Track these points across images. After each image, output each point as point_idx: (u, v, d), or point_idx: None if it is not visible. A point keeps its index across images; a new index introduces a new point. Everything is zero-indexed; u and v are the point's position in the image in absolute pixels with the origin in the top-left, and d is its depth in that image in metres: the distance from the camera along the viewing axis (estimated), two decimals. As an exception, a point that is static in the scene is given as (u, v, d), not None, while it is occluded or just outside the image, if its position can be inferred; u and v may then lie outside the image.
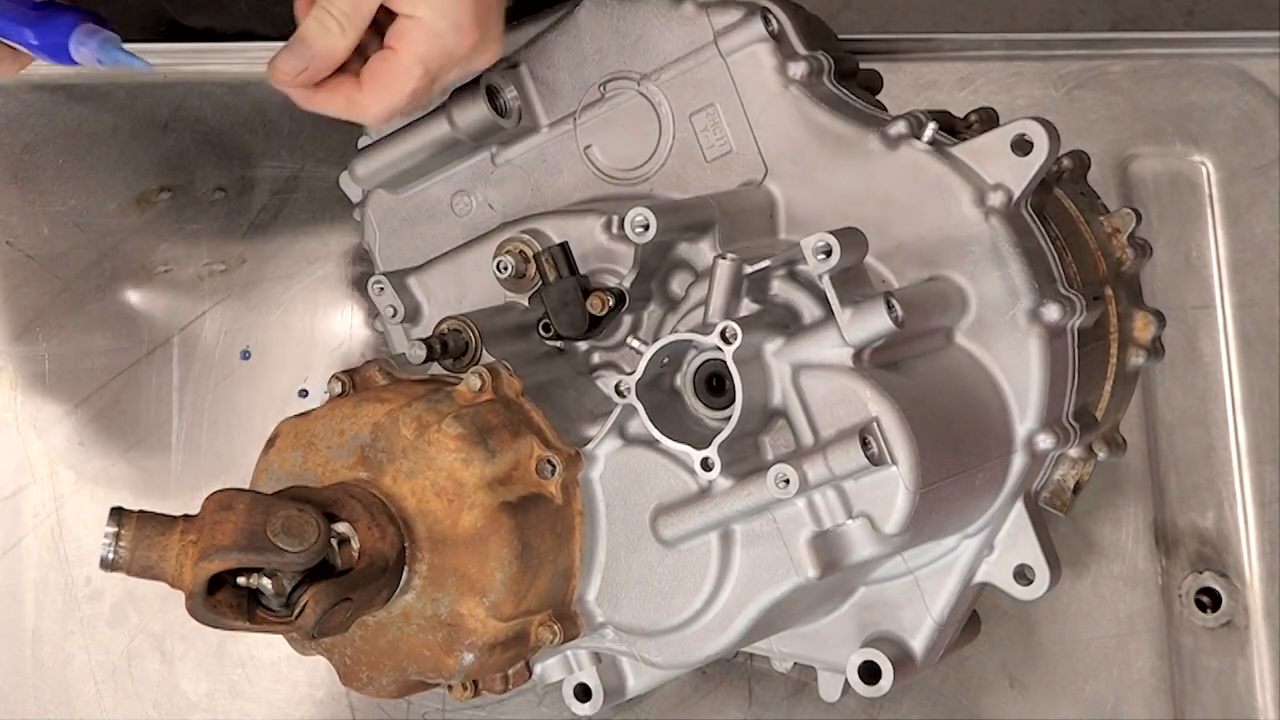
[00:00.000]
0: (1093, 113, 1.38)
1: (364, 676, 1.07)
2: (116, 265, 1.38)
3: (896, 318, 1.02)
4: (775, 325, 1.06)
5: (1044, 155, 1.09)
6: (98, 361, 1.37)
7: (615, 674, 1.16)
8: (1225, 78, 1.38)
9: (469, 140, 1.18)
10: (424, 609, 1.03)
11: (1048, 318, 1.08)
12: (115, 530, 0.97)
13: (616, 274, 1.14)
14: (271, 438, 1.08)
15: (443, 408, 1.05)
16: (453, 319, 1.13)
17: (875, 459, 1.01)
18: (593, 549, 1.08)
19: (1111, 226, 1.20)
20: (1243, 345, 1.35)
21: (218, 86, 1.40)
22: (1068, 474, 1.17)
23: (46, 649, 1.34)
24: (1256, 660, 1.31)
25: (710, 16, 1.16)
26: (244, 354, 1.37)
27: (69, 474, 1.35)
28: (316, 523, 0.97)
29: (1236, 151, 1.38)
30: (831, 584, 1.07)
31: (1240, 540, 1.33)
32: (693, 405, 1.08)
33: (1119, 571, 1.32)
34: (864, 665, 1.10)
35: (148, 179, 1.39)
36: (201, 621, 0.97)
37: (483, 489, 1.03)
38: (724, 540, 1.05)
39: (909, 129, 1.11)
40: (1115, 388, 1.19)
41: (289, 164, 1.39)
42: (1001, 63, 1.40)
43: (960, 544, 1.11)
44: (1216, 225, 1.37)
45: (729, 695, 1.30)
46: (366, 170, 1.22)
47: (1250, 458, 1.34)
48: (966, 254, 1.09)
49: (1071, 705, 1.30)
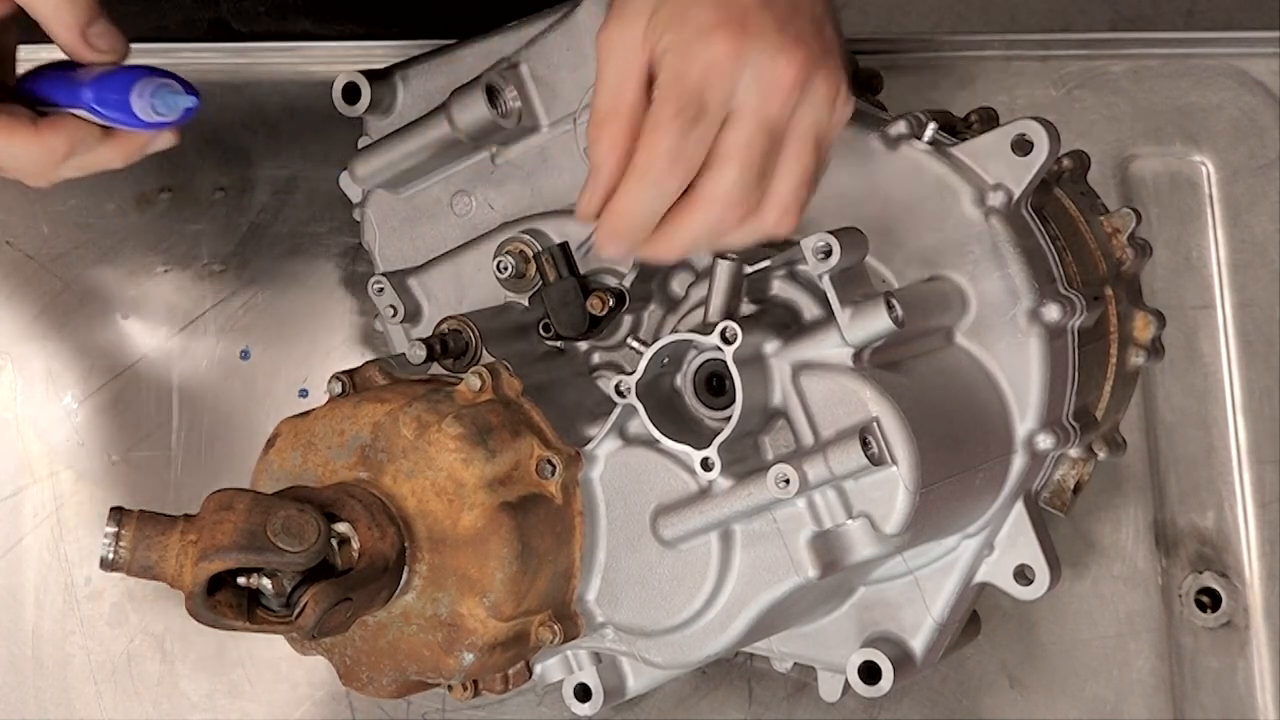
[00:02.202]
0: (1093, 113, 1.38)
1: (364, 676, 1.07)
2: (116, 265, 1.38)
3: (896, 318, 1.02)
4: (775, 325, 1.06)
5: (1044, 155, 1.09)
6: (98, 361, 1.37)
7: (615, 674, 1.16)
8: (1225, 78, 1.38)
9: (469, 140, 1.18)
10: (424, 609, 1.03)
11: (1048, 318, 1.08)
12: (115, 530, 0.97)
13: (616, 274, 1.14)
14: (271, 438, 1.08)
15: (443, 408, 1.05)
16: (453, 319, 1.13)
17: (875, 459, 1.01)
18: (593, 549, 1.08)
19: (1111, 226, 1.20)
20: (1243, 345, 1.35)
21: (218, 86, 1.40)
22: (1068, 474, 1.17)
23: (46, 649, 1.33)
24: (1256, 660, 1.31)
25: (710, 16, 1.16)
26: (244, 354, 1.37)
27: (69, 474, 1.35)
28: (316, 523, 0.97)
29: (1236, 151, 1.38)
30: (831, 584, 1.07)
31: (1240, 540, 1.33)
32: (693, 405, 1.08)
33: (1119, 571, 1.32)
34: (864, 665, 1.10)
35: (148, 179, 1.39)
36: (201, 621, 0.97)
37: (483, 489, 1.03)
38: (724, 540, 1.05)
39: (909, 129, 1.11)
40: (1115, 388, 1.19)
41: (289, 164, 1.39)
42: (1001, 63, 1.39)
43: (960, 544, 1.11)
44: (1216, 225, 1.37)
45: (729, 695, 1.30)
46: (366, 170, 1.22)
47: (1250, 458, 1.33)
48: (966, 254, 1.09)
49: (1071, 705, 1.30)
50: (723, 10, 0.93)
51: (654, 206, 0.96)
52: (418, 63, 1.24)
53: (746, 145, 0.94)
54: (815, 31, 0.95)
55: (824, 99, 0.95)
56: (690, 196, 0.95)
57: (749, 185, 0.94)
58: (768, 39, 0.93)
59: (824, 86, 0.94)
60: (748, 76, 0.93)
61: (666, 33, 0.94)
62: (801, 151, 0.95)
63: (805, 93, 0.94)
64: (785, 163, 0.95)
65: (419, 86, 1.23)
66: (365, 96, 1.22)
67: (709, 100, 0.93)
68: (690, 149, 0.94)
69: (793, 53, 0.93)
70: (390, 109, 1.24)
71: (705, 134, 0.94)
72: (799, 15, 0.94)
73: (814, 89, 0.94)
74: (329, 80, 1.23)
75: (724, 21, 0.93)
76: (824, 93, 0.95)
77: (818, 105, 0.94)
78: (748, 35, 0.93)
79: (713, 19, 0.93)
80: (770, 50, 0.93)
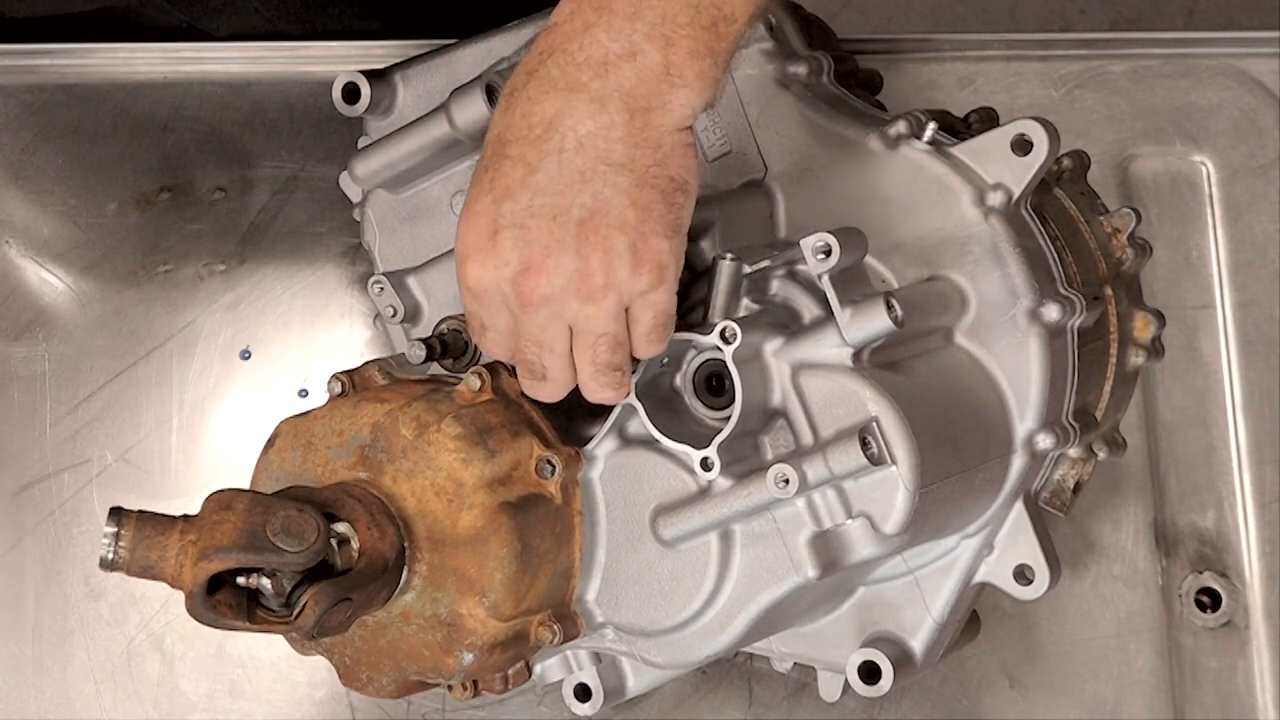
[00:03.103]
0: (1093, 113, 1.38)
1: (364, 676, 1.07)
2: (116, 265, 1.38)
3: (896, 318, 1.02)
4: (775, 325, 1.06)
5: (1044, 155, 1.09)
6: (98, 361, 1.37)
7: (615, 674, 1.16)
8: (1225, 78, 1.38)
9: (468, 140, 1.18)
10: (424, 609, 1.03)
11: (1047, 317, 1.08)
12: (115, 530, 0.97)
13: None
14: (271, 438, 1.08)
15: (442, 408, 1.05)
16: (452, 319, 1.13)
17: (875, 459, 1.01)
18: (592, 549, 1.08)
19: (1111, 226, 1.20)
20: (1243, 345, 1.35)
21: (218, 86, 1.40)
22: (1068, 474, 1.17)
23: (46, 649, 1.33)
24: (1256, 660, 1.31)
25: (710, 17, 1.16)
26: (244, 354, 1.37)
27: (69, 474, 1.35)
28: (316, 523, 0.97)
29: (1236, 151, 1.38)
30: (831, 584, 1.07)
31: (1240, 540, 1.33)
32: (692, 405, 1.08)
33: (1119, 571, 1.32)
34: (864, 665, 1.10)
35: (148, 179, 1.39)
36: (201, 621, 0.97)
37: (482, 489, 1.03)
38: (724, 540, 1.05)
39: (909, 129, 1.11)
40: (1115, 388, 1.19)
41: (289, 164, 1.39)
42: (1001, 63, 1.39)
43: (960, 544, 1.11)
44: (1216, 225, 1.37)
45: (729, 695, 1.30)
46: (366, 170, 1.22)
47: (1250, 458, 1.33)
48: (966, 254, 1.09)
49: (1071, 705, 1.30)
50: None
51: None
52: (418, 63, 1.24)
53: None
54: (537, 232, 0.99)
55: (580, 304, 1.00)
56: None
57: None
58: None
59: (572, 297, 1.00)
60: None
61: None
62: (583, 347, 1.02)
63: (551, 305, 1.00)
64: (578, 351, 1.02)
65: (419, 86, 1.23)
66: (365, 96, 1.22)
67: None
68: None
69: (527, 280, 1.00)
70: (390, 109, 1.24)
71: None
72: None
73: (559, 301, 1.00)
74: (329, 80, 1.23)
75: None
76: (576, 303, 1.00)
77: (585, 304, 1.00)
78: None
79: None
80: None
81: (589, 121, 0.97)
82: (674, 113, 0.97)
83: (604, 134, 0.97)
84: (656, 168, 0.98)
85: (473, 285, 1.01)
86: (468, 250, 1.00)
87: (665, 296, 1.00)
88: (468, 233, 1.00)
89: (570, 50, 0.97)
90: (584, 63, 0.97)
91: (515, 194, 0.98)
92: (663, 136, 0.97)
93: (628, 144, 0.97)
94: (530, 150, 0.98)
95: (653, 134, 0.97)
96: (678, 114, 0.97)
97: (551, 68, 0.98)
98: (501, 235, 0.99)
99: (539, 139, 0.98)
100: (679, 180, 0.98)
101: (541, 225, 0.98)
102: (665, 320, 1.01)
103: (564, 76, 0.97)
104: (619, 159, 0.97)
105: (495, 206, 0.99)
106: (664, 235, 0.98)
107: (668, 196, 0.98)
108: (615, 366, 1.01)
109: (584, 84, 0.97)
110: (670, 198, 0.98)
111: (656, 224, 0.98)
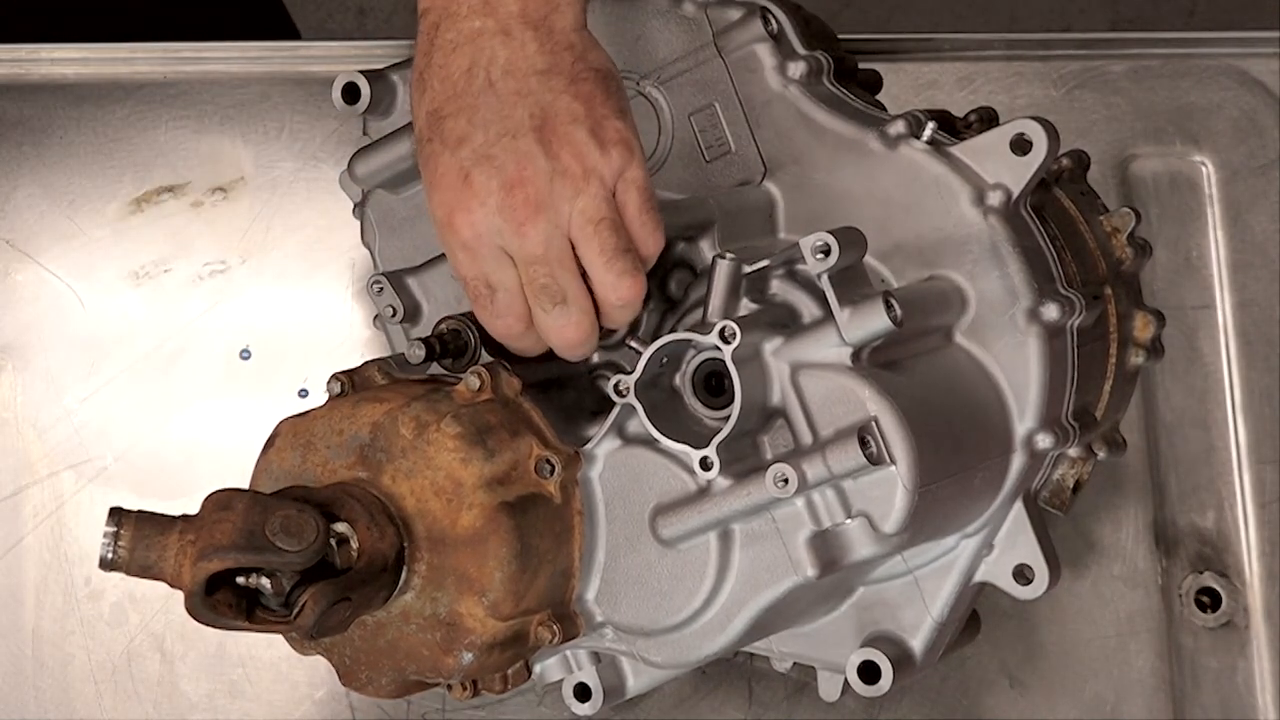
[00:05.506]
0: (1093, 113, 1.38)
1: (363, 676, 1.07)
2: (117, 266, 1.38)
3: (895, 317, 1.02)
4: (774, 325, 1.06)
5: (1043, 155, 1.09)
6: (98, 361, 1.37)
7: (615, 674, 1.16)
8: (1225, 78, 1.38)
9: (468, 140, 1.18)
10: (423, 609, 1.03)
11: (1047, 317, 1.08)
12: (114, 530, 0.97)
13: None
14: (271, 437, 1.08)
15: (441, 407, 1.05)
16: (452, 319, 1.13)
17: (874, 458, 1.01)
18: (592, 549, 1.08)
19: (1111, 226, 1.20)
20: (1243, 345, 1.35)
21: (218, 86, 1.40)
22: (1067, 474, 1.17)
23: (46, 649, 1.34)
24: (1256, 660, 1.31)
25: (710, 16, 1.16)
26: (244, 354, 1.37)
27: (69, 474, 1.35)
28: (315, 522, 0.97)
29: (1236, 151, 1.38)
30: (831, 584, 1.07)
31: (1240, 540, 1.33)
32: (692, 405, 1.08)
33: (1119, 571, 1.32)
34: (863, 665, 1.10)
35: (148, 179, 1.39)
36: (201, 621, 0.97)
37: (481, 488, 1.03)
38: (723, 540, 1.05)
39: (908, 129, 1.11)
40: (1115, 388, 1.19)
41: (289, 164, 1.39)
42: (1001, 63, 1.39)
43: (960, 544, 1.11)
44: (1216, 225, 1.37)
45: (729, 695, 1.30)
46: (366, 170, 1.22)
47: (1250, 458, 1.33)
48: (965, 253, 1.09)
49: (1071, 705, 1.30)
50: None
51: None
52: (417, 63, 1.24)
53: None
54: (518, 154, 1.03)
55: (574, 191, 1.03)
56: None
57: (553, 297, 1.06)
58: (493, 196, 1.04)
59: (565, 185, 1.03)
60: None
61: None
62: (589, 238, 1.04)
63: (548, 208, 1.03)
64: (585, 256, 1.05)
65: (419, 86, 1.23)
66: (365, 96, 1.22)
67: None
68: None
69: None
70: (390, 109, 1.24)
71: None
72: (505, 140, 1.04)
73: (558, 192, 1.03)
74: (329, 80, 1.23)
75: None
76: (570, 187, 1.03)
77: (575, 197, 1.03)
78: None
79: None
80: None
81: (503, 51, 1.04)
82: (567, 13, 1.04)
83: (521, 53, 1.04)
84: (579, 63, 1.04)
85: (465, 237, 1.04)
86: (447, 208, 1.04)
87: (641, 171, 1.04)
88: (439, 195, 1.04)
89: (452, 11, 1.05)
90: (469, 13, 1.04)
91: (468, 138, 1.03)
92: (571, 37, 1.05)
93: (545, 53, 1.04)
94: (462, 101, 1.04)
95: (561, 38, 1.04)
96: (571, 14, 1.05)
97: (445, 33, 1.05)
98: (472, 175, 1.03)
99: (465, 89, 1.04)
100: (604, 69, 1.05)
101: (504, 147, 1.02)
102: (650, 197, 1.05)
103: (459, 33, 1.04)
104: (544, 67, 1.04)
105: (454, 157, 1.03)
106: (615, 116, 1.04)
107: (602, 85, 1.04)
108: (624, 249, 1.04)
109: (480, 28, 1.04)
110: (604, 85, 1.05)
111: (603, 108, 1.04)
